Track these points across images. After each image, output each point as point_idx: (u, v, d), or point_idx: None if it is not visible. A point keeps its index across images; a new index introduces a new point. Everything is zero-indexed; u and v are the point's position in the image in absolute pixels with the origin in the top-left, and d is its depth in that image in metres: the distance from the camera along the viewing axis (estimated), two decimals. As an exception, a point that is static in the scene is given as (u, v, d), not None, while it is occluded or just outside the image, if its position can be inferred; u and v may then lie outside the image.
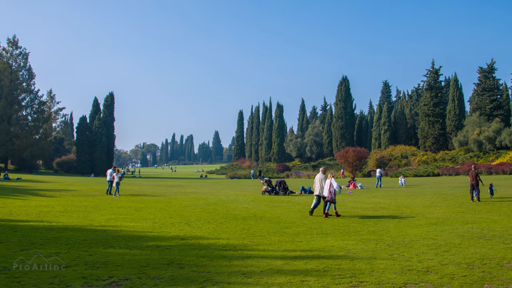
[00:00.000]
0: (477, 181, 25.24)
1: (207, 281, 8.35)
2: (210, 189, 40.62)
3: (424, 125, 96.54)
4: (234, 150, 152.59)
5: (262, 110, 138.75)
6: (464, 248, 11.43)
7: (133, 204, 24.34)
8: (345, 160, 78.01)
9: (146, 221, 17.36)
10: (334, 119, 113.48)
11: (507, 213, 19.21)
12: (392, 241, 12.57)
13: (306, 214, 19.85)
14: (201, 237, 13.45)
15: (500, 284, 8.01)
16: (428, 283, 8.11)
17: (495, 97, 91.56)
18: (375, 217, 18.57)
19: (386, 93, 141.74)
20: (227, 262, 9.93)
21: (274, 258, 10.45)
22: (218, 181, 73.79)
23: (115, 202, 25.76)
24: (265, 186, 33.05)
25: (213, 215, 19.38)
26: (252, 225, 16.35)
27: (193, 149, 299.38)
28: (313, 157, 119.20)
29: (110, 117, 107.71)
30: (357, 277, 8.55)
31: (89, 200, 26.69)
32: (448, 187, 39.51)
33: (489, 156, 79.29)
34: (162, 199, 27.88)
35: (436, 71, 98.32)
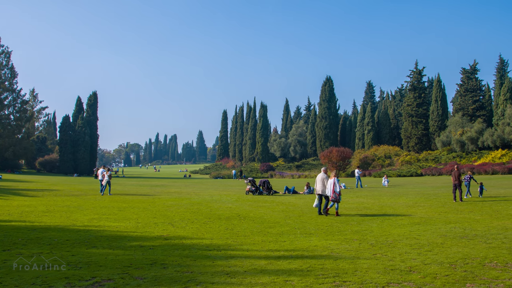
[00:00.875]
0: (460, 181, 25.41)
1: (190, 281, 8.34)
2: (194, 189, 40.56)
3: (407, 126, 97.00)
4: (218, 150, 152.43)
5: (246, 110, 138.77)
6: (446, 247, 11.50)
7: (116, 204, 24.24)
8: (328, 160, 78.16)
9: (130, 221, 17.30)
10: (318, 119, 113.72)
11: (489, 213, 19.36)
12: (375, 241, 12.62)
13: (289, 214, 19.88)
14: (184, 237, 13.43)
15: (482, 283, 8.07)
16: (411, 283, 8.16)
17: (478, 98, 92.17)
18: (358, 217, 18.63)
19: (370, 94, 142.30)
20: (210, 262, 9.92)
21: (258, 258, 10.46)
22: (202, 181, 73.67)
23: (98, 202, 25.64)
24: (249, 186, 33.06)
25: (197, 215, 19.35)
26: (235, 225, 16.35)
27: (177, 148, 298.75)
28: (297, 157, 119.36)
29: (94, 116, 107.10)
30: (340, 277, 8.58)
31: (72, 200, 26.54)
32: (431, 187, 39.73)
33: (471, 157, 79.81)
34: (146, 199, 27.80)
35: (419, 71, 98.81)
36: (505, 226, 15.12)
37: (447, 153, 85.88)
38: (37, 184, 45.61)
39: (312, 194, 33.80)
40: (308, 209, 22.21)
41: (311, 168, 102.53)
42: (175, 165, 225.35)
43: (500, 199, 25.30)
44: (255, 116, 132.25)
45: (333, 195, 19.50)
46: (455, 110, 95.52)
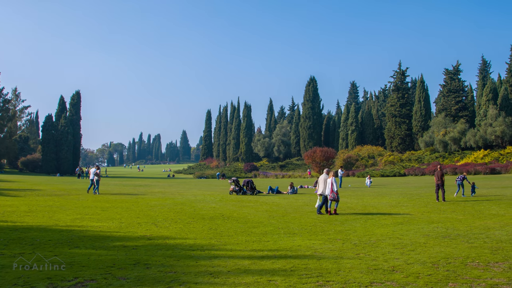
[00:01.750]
0: (443, 181, 25.53)
1: (173, 281, 8.32)
2: (177, 189, 40.44)
3: (390, 126, 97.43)
4: (202, 149, 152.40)
5: (230, 110, 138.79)
6: (429, 247, 11.56)
7: (100, 204, 24.10)
8: (312, 160, 78.32)
9: (113, 221, 17.21)
10: (302, 119, 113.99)
11: (472, 212, 19.48)
12: (358, 241, 12.66)
13: (273, 214, 19.88)
14: (168, 237, 13.40)
15: (464, 282, 8.12)
16: (394, 282, 8.19)
17: (460, 99, 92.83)
18: (342, 217, 18.67)
19: (354, 94, 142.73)
20: (194, 262, 9.90)
21: (241, 258, 10.46)
22: (185, 180, 73.56)
23: (81, 201, 25.47)
24: (233, 186, 33.00)
25: (180, 215, 19.30)
26: (219, 225, 16.33)
27: (160, 148, 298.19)
28: (281, 157, 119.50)
29: (77, 116, 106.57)
30: (323, 277, 8.59)
31: (54, 200, 26.35)
32: (414, 187, 39.93)
33: (454, 157, 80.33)
34: (129, 199, 27.67)
35: (403, 72, 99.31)
36: (487, 226, 15.22)
37: (430, 153, 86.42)
38: (19, 184, 45.25)
39: (295, 194, 33.86)
40: (292, 209, 22.23)
41: (295, 168, 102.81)
42: (158, 165, 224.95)
43: (482, 199, 25.46)
44: (239, 116, 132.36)
45: (332, 194, 19.74)
46: (438, 111, 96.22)
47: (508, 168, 61.37)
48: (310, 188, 42.11)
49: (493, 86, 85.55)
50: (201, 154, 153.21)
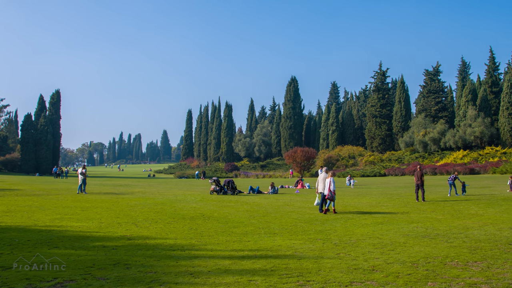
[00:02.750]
0: (422, 181, 25.68)
1: (154, 281, 8.29)
2: (158, 189, 40.31)
3: (371, 126, 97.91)
4: (183, 149, 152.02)
5: (211, 109, 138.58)
6: (409, 247, 11.62)
7: (79, 204, 23.94)
8: (293, 160, 78.36)
9: (92, 221, 17.10)
10: (283, 119, 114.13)
11: (451, 212, 19.62)
12: (339, 241, 12.69)
13: (254, 214, 19.88)
14: (148, 237, 13.34)
15: (443, 282, 8.18)
16: (373, 282, 8.22)
17: (440, 99, 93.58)
18: (322, 217, 18.71)
19: (335, 94, 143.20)
20: (174, 262, 9.87)
21: (222, 257, 10.44)
22: (166, 180, 73.32)
23: (60, 201, 25.28)
24: (214, 186, 32.94)
25: (161, 215, 19.23)
26: (200, 224, 16.29)
27: (141, 148, 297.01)
28: (262, 157, 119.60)
29: (56, 115, 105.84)
30: (304, 276, 8.60)
31: (33, 200, 26.14)
32: (394, 187, 40.15)
33: (434, 157, 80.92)
34: (109, 199, 27.52)
35: (383, 73, 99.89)
36: (466, 226, 15.34)
37: (410, 153, 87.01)
38: (-3, 183, 44.84)
39: (276, 194, 33.90)
40: (273, 209, 22.23)
41: (275, 168, 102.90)
42: (139, 165, 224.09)
43: (461, 199, 25.65)
44: (220, 116, 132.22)
45: (329, 194, 20.02)
46: (418, 111, 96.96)
47: (487, 168, 61.94)
48: (291, 188, 42.20)
49: (473, 87, 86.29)
50: (182, 154, 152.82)
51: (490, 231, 13.96)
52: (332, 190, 20.04)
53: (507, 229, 14.26)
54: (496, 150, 74.05)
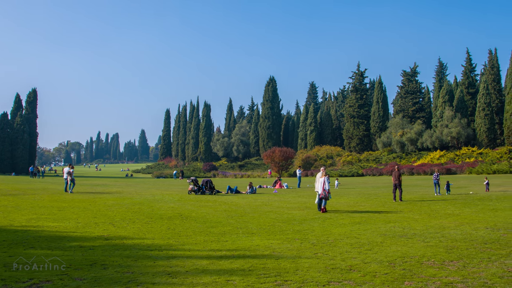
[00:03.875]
0: (400, 181, 25.84)
1: (131, 281, 8.25)
2: (135, 189, 40.13)
3: (349, 126, 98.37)
4: (161, 149, 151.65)
5: (189, 109, 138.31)
6: (386, 246, 11.69)
7: (56, 204, 23.74)
8: (271, 160, 78.43)
9: (69, 221, 16.97)
10: (261, 119, 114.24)
11: (428, 212, 19.78)
12: (316, 240, 12.73)
13: (232, 214, 19.87)
14: (125, 237, 13.28)
15: (420, 281, 8.24)
16: (351, 281, 8.26)
17: (418, 100, 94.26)
18: (300, 216, 18.75)
19: (313, 94, 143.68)
20: (152, 262, 9.83)
21: (200, 258, 10.43)
22: (144, 180, 73.05)
23: (36, 201, 25.04)
24: (191, 186, 32.85)
25: (138, 215, 19.14)
26: (177, 224, 16.25)
27: (118, 147, 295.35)
28: (240, 157, 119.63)
29: (33, 114, 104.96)
30: (282, 276, 8.62)
31: (9, 200, 25.86)
32: (372, 187, 40.37)
33: (411, 157, 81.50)
34: (86, 199, 27.31)
35: (361, 73, 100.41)
36: (443, 225, 15.46)
37: (387, 153, 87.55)
38: (-27, 183, 44.36)
39: (254, 193, 33.90)
40: (251, 209, 22.23)
41: (254, 168, 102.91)
42: (117, 164, 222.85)
43: (438, 199, 25.87)
44: (198, 116, 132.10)
45: (323, 193, 20.29)
46: (395, 112, 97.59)
47: (463, 168, 62.48)
48: (269, 188, 42.23)
49: (449, 88, 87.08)
50: (160, 153, 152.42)
51: (466, 231, 14.09)
52: (326, 189, 20.31)
53: (483, 229, 14.41)
54: (473, 151, 74.77)
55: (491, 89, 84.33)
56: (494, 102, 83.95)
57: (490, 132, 78.48)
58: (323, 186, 20.44)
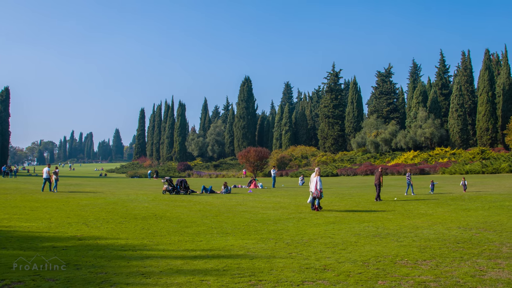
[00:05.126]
0: (380, 181, 25.99)
1: (104, 282, 8.19)
2: (109, 188, 39.89)
3: (324, 126, 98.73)
4: (135, 148, 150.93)
5: (164, 108, 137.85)
6: (360, 246, 11.75)
7: (28, 204, 23.49)
8: (246, 160, 78.39)
9: (42, 221, 16.80)
10: (236, 119, 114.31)
11: (401, 212, 19.92)
12: (291, 240, 12.75)
13: (206, 214, 19.83)
14: (99, 237, 13.19)
15: (393, 280, 8.29)
16: (325, 281, 8.29)
17: (392, 101, 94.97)
18: (275, 216, 18.76)
19: (288, 94, 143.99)
20: (125, 263, 9.78)
21: (174, 258, 10.39)
22: (118, 180, 72.59)
23: (8, 201, 24.74)
24: (166, 185, 32.73)
25: (112, 215, 19.03)
26: (152, 224, 16.18)
27: (92, 147, 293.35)
28: (215, 157, 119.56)
29: (5, 112, 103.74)
30: (256, 276, 8.63)
31: (-19, 199, 25.57)
32: (346, 187, 40.54)
33: (385, 157, 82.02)
34: (59, 198, 27.06)
35: (336, 74, 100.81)
36: (416, 225, 15.59)
37: (362, 153, 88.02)
38: None
39: (229, 193, 33.88)
40: (225, 208, 22.22)
41: (228, 167, 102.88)
42: (91, 164, 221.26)
43: (411, 199, 26.06)
44: (173, 115, 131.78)
45: (315, 192, 20.66)
46: (370, 112, 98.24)
47: (436, 168, 63.03)
48: (244, 188, 42.21)
49: (423, 89, 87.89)
50: (134, 153, 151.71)
51: (439, 230, 14.22)
52: (318, 188, 20.65)
53: (455, 228, 14.55)
54: (446, 151, 75.48)
55: (464, 90, 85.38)
56: (467, 103, 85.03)
57: (463, 133, 79.42)
58: (316, 186, 20.76)
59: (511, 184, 34.67)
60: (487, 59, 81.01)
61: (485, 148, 71.94)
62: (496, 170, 55.93)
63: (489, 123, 77.24)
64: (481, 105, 77.96)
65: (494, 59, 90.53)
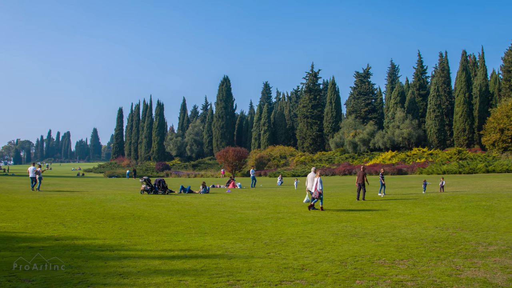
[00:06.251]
0: (363, 181, 26.12)
1: (81, 282, 8.15)
2: (87, 188, 39.62)
3: (302, 126, 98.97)
4: (113, 148, 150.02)
5: (143, 108, 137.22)
6: (338, 245, 11.80)
7: (4, 204, 23.24)
8: (225, 160, 78.42)
9: (18, 221, 16.64)
10: (215, 119, 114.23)
11: (379, 211, 20.05)
12: (269, 240, 12.77)
13: (185, 214, 19.79)
14: (76, 237, 13.10)
15: (371, 279, 8.34)
16: (303, 280, 8.32)
17: (370, 101, 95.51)
18: (253, 216, 18.78)
19: (267, 94, 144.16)
20: (103, 263, 9.73)
21: (152, 258, 10.36)
22: (96, 179, 72.14)
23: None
24: (144, 185, 32.60)
25: (90, 215, 18.91)
26: (129, 224, 16.11)
27: (70, 146, 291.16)
28: (194, 156, 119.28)
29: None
30: (234, 276, 8.63)
31: (-44, 199, 25.29)
32: (325, 187, 40.51)
33: (363, 157, 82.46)
34: (36, 198, 26.81)
35: (315, 74, 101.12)
36: (393, 225, 15.69)
37: (340, 154, 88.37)
38: None
39: (207, 193, 33.83)
40: (204, 208, 22.19)
41: (207, 167, 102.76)
42: (68, 163, 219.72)
43: (389, 199, 26.21)
44: (151, 115, 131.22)
45: (315, 193, 20.88)
46: (348, 112, 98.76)
47: (414, 169, 63.53)
48: (223, 188, 42.20)
49: (401, 90, 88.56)
50: (112, 152, 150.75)
51: (416, 230, 14.34)
52: (318, 189, 20.82)
53: (433, 228, 14.68)
54: (423, 151, 76.06)
55: (441, 91, 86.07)
56: (444, 103, 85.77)
57: (440, 133, 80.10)
58: (316, 186, 20.95)
59: (487, 184, 35.01)
60: (464, 60, 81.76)
61: (462, 149, 72.70)
62: (473, 170, 56.54)
63: (466, 124, 78.00)
64: (458, 106, 78.72)
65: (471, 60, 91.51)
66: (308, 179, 22.38)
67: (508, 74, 75.21)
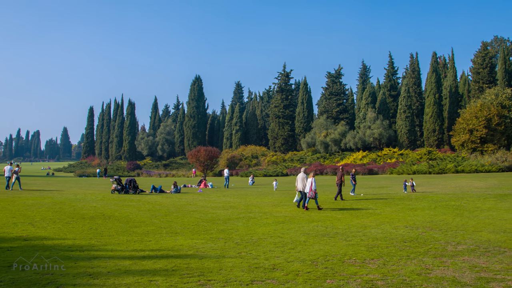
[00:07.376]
0: (342, 181, 26.24)
1: (50, 283, 8.08)
2: (57, 187, 39.25)
3: (274, 126, 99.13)
4: (84, 147, 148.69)
5: (114, 107, 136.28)
6: (309, 245, 11.85)
7: (-28, 203, 22.96)
8: (196, 160, 78.22)
9: (-14, 221, 16.44)
10: (187, 118, 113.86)
11: (350, 211, 20.17)
12: (240, 240, 12.77)
13: (156, 213, 19.70)
14: (45, 238, 12.97)
15: (341, 279, 8.39)
16: (274, 280, 8.33)
17: (341, 101, 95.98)
18: (224, 216, 18.75)
19: (239, 94, 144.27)
20: (72, 263, 9.65)
21: (122, 258, 10.30)
22: (66, 179, 71.45)
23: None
24: (115, 185, 32.38)
25: (59, 215, 18.72)
26: (100, 224, 15.99)
27: (39, 145, 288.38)
28: (165, 156, 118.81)
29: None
30: (205, 276, 8.62)
31: None
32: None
33: (334, 157, 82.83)
34: (4, 198, 26.47)
35: (287, 74, 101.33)
36: (364, 224, 15.79)
37: (311, 154, 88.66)
38: None
39: (179, 193, 33.71)
40: (175, 208, 22.12)
41: (178, 167, 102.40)
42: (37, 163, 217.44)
43: (360, 199, 26.37)
44: (122, 114, 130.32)
45: (310, 193, 21.09)
46: (320, 113, 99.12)
47: (384, 169, 64.07)
48: (194, 187, 42.12)
49: (372, 90, 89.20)
50: (83, 152, 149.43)
51: (387, 230, 14.45)
52: (313, 189, 21.08)
53: (403, 228, 14.81)
54: (394, 152, 76.74)
55: (412, 92, 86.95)
56: (414, 104, 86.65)
57: (410, 134, 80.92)
58: (310, 187, 21.14)
59: (456, 184, 35.43)
60: (435, 61, 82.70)
61: (432, 149, 73.57)
62: (442, 170, 57.26)
63: (436, 125, 78.95)
64: (428, 107, 79.63)
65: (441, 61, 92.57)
66: (298, 180, 22.54)
67: (477, 76, 76.27)
